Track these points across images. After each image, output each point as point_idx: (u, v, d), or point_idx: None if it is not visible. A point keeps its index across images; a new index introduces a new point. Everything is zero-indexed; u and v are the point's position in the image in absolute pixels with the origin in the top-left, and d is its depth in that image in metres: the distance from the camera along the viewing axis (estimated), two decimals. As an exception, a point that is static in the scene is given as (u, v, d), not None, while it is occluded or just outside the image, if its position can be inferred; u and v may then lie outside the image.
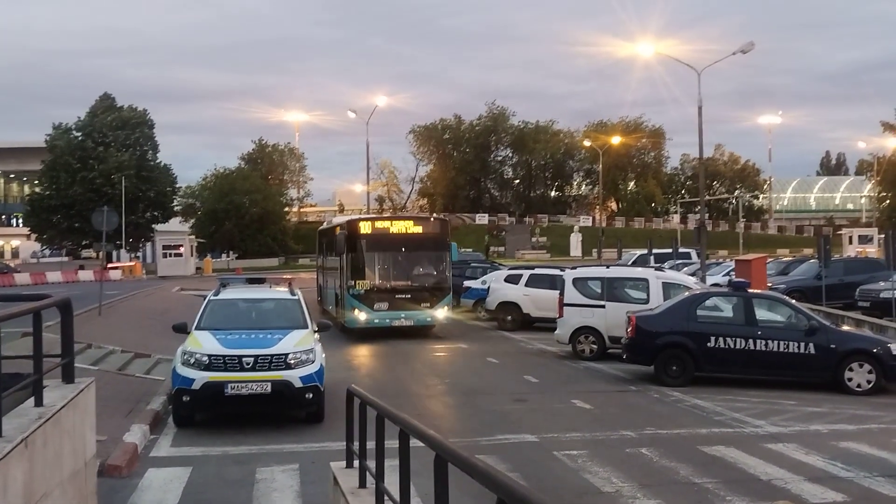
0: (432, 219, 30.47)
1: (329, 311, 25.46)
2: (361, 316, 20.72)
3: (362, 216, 22.92)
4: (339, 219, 30.34)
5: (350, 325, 21.01)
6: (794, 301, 16.55)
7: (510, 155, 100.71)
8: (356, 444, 6.50)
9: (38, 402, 5.84)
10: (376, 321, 20.78)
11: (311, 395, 11.06)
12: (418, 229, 21.98)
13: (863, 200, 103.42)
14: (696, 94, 28.69)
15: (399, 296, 21.00)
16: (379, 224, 22.35)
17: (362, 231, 21.41)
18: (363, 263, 21.16)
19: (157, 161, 71.88)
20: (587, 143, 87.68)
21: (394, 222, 22.63)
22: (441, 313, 21.34)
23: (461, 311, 26.45)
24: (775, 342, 14.36)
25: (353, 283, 20.82)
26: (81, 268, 57.21)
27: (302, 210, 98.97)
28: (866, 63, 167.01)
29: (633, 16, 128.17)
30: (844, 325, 16.59)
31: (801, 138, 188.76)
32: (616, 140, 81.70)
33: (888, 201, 75.40)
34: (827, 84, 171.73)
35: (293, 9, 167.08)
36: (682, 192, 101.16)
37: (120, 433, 9.98)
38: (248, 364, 10.88)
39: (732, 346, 14.44)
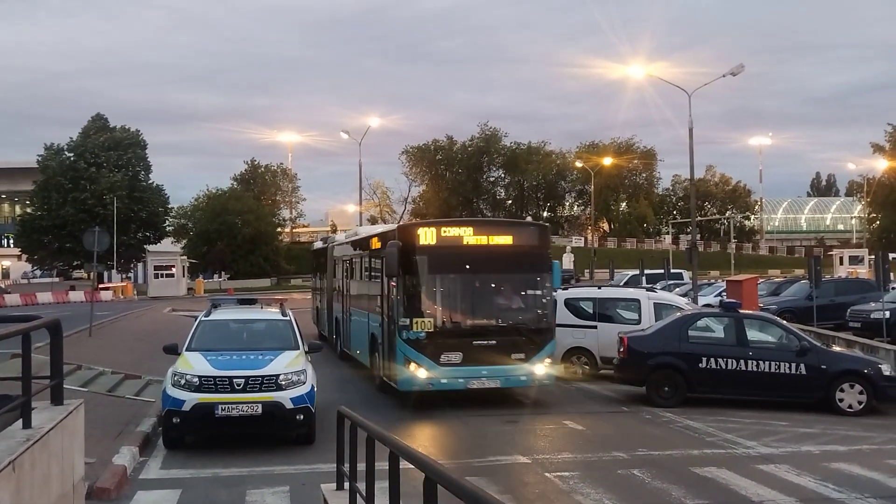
0: (527, 225, 20.74)
1: (356, 359, 18.50)
2: (421, 373, 13.63)
3: (423, 221, 15.76)
4: (366, 228, 22.89)
5: (404, 388, 13.92)
6: (785, 322, 16.60)
7: (502, 176, 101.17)
8: (347, 466, 6.48)
9: (27, 424, 5.81)
10: (445, 381, 13.72)
11: (302, 417, 11.01)
12: (506, 240, 14.78)
13: (853, 221, 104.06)
14: (687, 115, 28.95)
15: (479, 342, 13.93)
16: (448, 232, 14.44)
17: (423, 242, 14.00)
18: (425, 292, 14.04)
19: (150, 182, 71.93)
20: (579, 164, 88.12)
21: (471, 229, 14.67)
22: (541, 369, 14.19)
23: None
24: (767, 363, 14.39)
25: (407, 321, 13.67)
26: (72, 288, 56.99)
27: (294, 230, 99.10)
28: (855, 86, 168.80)
29: (625, 39, 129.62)
30: (835, 346, 16.64)
31: (791, 160, 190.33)
32: (608, 161, 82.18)
33: (878, 222, 75.94)
34: (817, 106, 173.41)
35: (287, 31, 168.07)
36: (674, 212, 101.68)
37: (109, 455, 9.90)
38: (238, 385, 10.84)
39: (724, 366, 14.47)
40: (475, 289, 14.63)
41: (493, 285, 14.79)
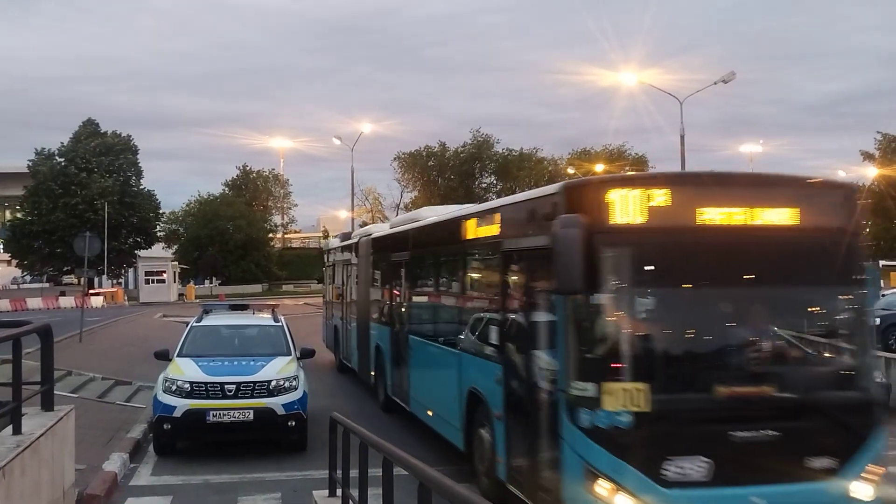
0: (823, 186, 7.52)
1: (423, 420, 11.58)
2: (623, 503, 6.17)
3: (617, 176, 11.28)
4: (451, 209, 12.03)
5: None
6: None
7: (494, 182, 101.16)
8: (339, 473, 6.46)
9: (17, 431, 5.77)
10: None
11: (293, 423, 10.96)
12: (785, 216, 6.94)
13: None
14: (679, 122, 29.05)
15: (744, 434, 6.40)
16: (672, 198, 6.63)
17: (624, 219, 6.54)
18: (628, 326, 6.51)
19: (141, 187, 71.73)
20: (571, 171, 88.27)
21: (717, 192, 6.93)
22: (864, 487, 6.52)
23: None
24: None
25: (588, 388, 6.29)
26: (62, 294, 56.79)
27: (286, 236, 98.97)
28: (846, 94, 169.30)
29: (617, 46, 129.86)
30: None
31: (782, 167, 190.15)
32: (599, 168, 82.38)
33: (868, 229, 76.24)
34: (808, 114, 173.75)
35: (281, 37, 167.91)
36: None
37: (99, 462, 9.84)
38: (230, 391, 10.79)
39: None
40: (729, 319, 7.12)
41: (764, 312, 7.05)
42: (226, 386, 10.81)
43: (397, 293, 13.47)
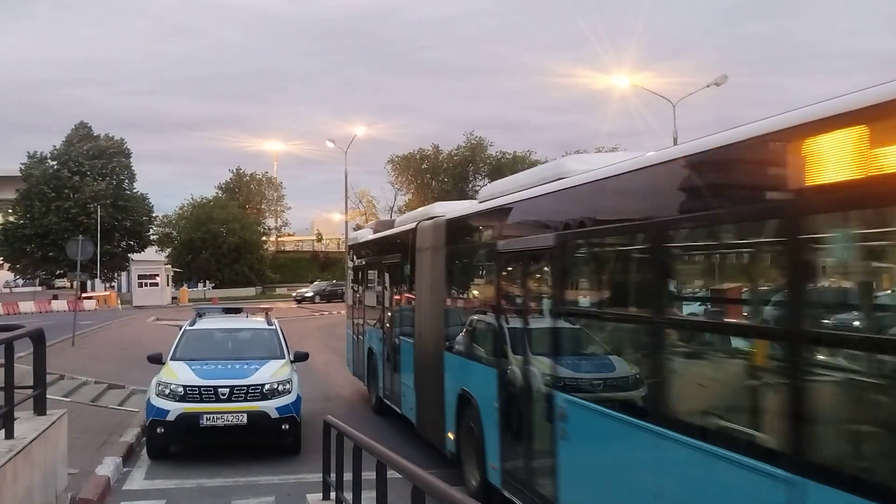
0: None
1: None
2: None
3: None
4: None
5: None
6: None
7: (488, 184, 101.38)
8: (333, 476, 6.46)
9: (9, 435, 5.76)
10: None
11: (287, 426, 10.96)
12: None
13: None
14: (672, 125, 29.12)
15: None
16: None
17: None
18: None
19: (134, 190, 71.66)
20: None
21: None
22: None
23: None
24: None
25: None
26: (55, 297, 56.59)
27: (279, 239, 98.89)
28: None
29: (610, 49, 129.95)
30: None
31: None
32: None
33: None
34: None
35: (275, 40, 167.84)
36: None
37: (92, 466, 9.81)
38: (223, 395, 10.78)
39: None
40: None
41: None
42: (219, 389, 10.80)
43: (520, 310, 7.61)
